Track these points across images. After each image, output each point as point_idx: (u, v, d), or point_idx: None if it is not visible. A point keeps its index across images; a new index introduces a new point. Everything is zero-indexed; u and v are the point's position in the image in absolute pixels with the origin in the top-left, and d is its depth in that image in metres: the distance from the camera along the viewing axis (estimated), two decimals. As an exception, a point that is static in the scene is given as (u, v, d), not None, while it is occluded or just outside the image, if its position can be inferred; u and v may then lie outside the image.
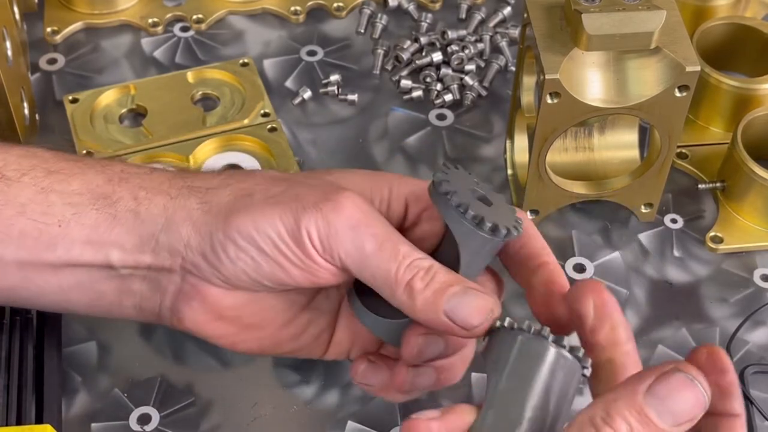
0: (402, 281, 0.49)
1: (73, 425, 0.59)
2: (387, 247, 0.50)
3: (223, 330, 0.54)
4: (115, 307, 0.55)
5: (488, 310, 0.48)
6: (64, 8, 0.83)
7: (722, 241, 0.69)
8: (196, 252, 0.51)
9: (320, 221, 0.49)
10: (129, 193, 0.52)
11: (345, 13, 0.84)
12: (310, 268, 0.51)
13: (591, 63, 0.61)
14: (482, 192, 0.52)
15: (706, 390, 0.42)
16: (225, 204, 0.51)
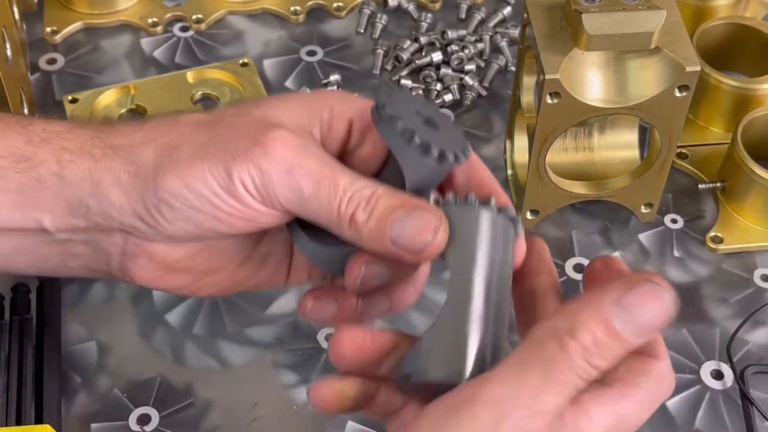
0: (345, 216, 0.47)
1: (73, 425, 0.59)
2: (325, 185, 0.48)
3: (178, 281, 0.53)
4: (61, 268, 0.53)
5: (432, 229, 0.46)
6: (64, 8, 0.83)
7: (722, 241, 0.69)
8: (131, 215, 0.49)
9: (252, 170, 0.47)
10: (52, 155, 0.50)
11: (345, 13, 0.84)
12: (251, 216, 0.49)
13: (591, 63, 0.61)
14: (427, 113, 0.50)
15: (673, 302, 0.42)
16: (151, 163, 0.49)
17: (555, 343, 0.42)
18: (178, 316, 0.64)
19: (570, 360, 0.42)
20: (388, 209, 0.47)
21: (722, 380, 0.62)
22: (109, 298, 0.65)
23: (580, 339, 0.42)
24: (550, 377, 0.42)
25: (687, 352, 0.64)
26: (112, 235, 0.51)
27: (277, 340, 0.64)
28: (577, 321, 0.42)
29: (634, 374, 0.44)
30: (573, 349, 0.42)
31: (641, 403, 0.44)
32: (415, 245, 0.46)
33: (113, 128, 0.52)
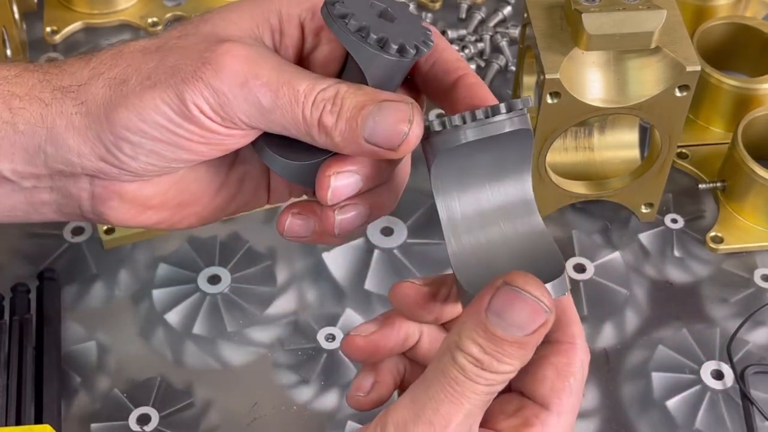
0: (313, 122, 0.45)
1: (73, 425, 0.59)
2: (284, 92, 0.45)
3: (155, 218, 0.51)
4: (33, 215, 0.51)
5: (406, 119, 0.44)
6: (64, 8, 0.83)
7: (722, 241, 0.69)
8: (92, 158, 0.48)
9: (205, 91, 0.45)
10: (2, 102, 0.48)
11: (345, 12, 0.84)
12: (214, 140, 0.47)
13: (591, 63, 0.61)
14: (382, 5, 0.47)
15: (541, 297, 0.42)
16: (102, 100, 0.47)
17: (448, 357, 0.42)
18: (178, 316, 0.64)
19: (464, 371, 0.42)
20: (356, 107, 0.45)
21: (722, 380, 0.62)
22: (109, 298, 0.65)
23: (467, 350, 0.42)
24: (446, 390, 0.42)
25: (687, 352, 0.64)
26: (78, 179, 0.49)
27: (277, 340, 0.64)
28: (462, 332, 0.42)
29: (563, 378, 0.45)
30: (462, 360, 0.42)
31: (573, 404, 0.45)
32: (391, 139, 0.45)
33: (60, 69, 0.50)
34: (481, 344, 0.42)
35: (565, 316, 0.46)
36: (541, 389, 0.45)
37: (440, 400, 0.42)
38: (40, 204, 0.51)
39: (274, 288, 0.66)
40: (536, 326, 0.42)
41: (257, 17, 0.49)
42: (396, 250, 0.68)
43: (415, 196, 0.69)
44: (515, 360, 0.42)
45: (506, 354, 0.42)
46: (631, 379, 0.62)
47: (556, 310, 0.44)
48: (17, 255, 0.67)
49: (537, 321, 0.42)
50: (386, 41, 0.45)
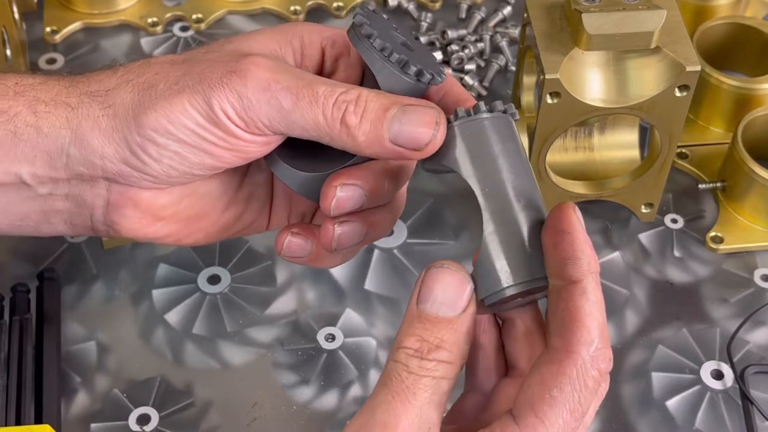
0: (335, 122, 0.46)
1: (73, 425, 0.59)
2: (304, 94, 0.47)
3: (164, 230, 0.53)
4: (43, 226, 0.52)
5: (434, 122, 0.46)
6: (64, 8, 0.83)
7: (722, 241, 0.69)
8: (116, 161, 0.49)
9: (231, 96, 0.47)
10: (27, 107, 0.49)
11: (345, 12, 0.84)
12: (238, 146, 0.48)
13: (591, 63, 0.61)
14: (403, 37, 0.50)
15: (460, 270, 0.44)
16: (130, 103, 0.48)
17: (391, 360, 0.43)
18: (178, 316, 0.64)
19: (406, 367, 0.42)
20: (381, 108, 0.47)
21: (722, 380, 0.62)
22: (109, 298, 0.65)
23: (405, 344, 0.43)
24: (394, 390, 0.42)
25: (687, 352, 0.64)
26: (96, 185, 0.50)
27: (277, 340, 0.64)
28: (401, 332, 0.44)
29: (546, 388, 0.42)
30: (403, 356, 0.43)
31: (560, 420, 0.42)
32: (418, 140, 0.46)
33: (87, 77, 0.51)
34: (418, 334, 0.43)
35: (570, 320, 0.42)
36: (520, 400, 0.42)
37: (389, 401, 0.42)
38: (52, 213, 0.51)
39: (274, 288, 0.66)
40: (463, 300, 0.43)
41: (280, 40, 0.51)
42: (396, 250, 0.68)
43: (415, 196, 0.69)
44: (451, 346, 0.43)
45: (441, 338, 0.43)
46: (631, 379, 0.62)
47: (562, 313, 0.43)
48: (17, 255, 0.67)
49: (461, 292, 0.43)
50: (407, 63, 0.47)
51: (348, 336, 0.63)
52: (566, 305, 0.43)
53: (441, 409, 0.43)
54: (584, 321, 0.42)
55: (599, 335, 0.42)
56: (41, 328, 0.61)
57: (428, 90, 0.50)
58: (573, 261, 0.43)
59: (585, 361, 0.42)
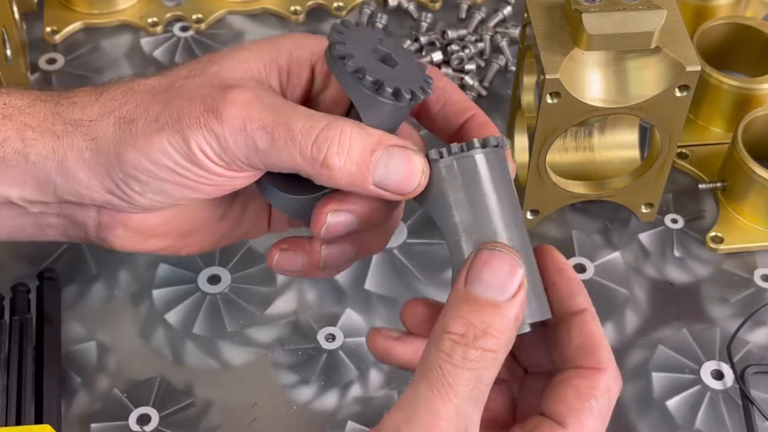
0: (315, 162, 0.46)
1: (73, 425, 0.59)
2: (280, 134, 0.46)
3: (159, 244, 0.53)
4: (39, 236, 0.53)
5: (420, 171, 0.46)
6: (64, 8, 0.83)
7: (722, 241, 0.69)
8: (101, 191, 0.49)
9: (209, 137, 0.47)
10: (15, 133, 0.50)
11: (345, 12, 0.84)
12: (218, 181, 0.49)
13: (591, 63, 0.61)
14: (386, 50, 0.48)
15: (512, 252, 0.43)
16: (111, 138, 0.49)
17: (433, 347, 0.42)
18: (178, 316, 0.64)
19: (449, 358, 0.41)
20: (366, 150, 0.46)
21: (722, 380, 0.62)
22: (109, 298, 0.65)
23: (451, 329, 0.42)
24: (434, 386, 0.41)
25: (687, 352, 0.64)
26: (86, 208, 0.51)
27: (277, 340, 0.64)
28: (446, 314, 0.42)
29: (584, 399, 0.44)
30: (447, 344, 0.41)
31: (595, 426, 0.44)
32: (402, 187, 0.46)
33: (71, 101, 0.51)
34: (464, 317, 0.42)
35: (591, 342, 0.46)
36: (560, 409, 0.44)
37: (429, 398, 0.41)
38: (47, 226, 0.52)
39: (274, 288, 0.66)
40: (514, 283, 0.42)
41: (265, 58, 0.50)
42: (396, 250, 0.68)
43: (415, 196, 0.69)
44: (499, 333, 0.42)
45: (489, 323, 0.42)
46: (631, 379, 0.62)
47: (581, 338, 0.45)
48: (17, 255, 0.67)
49: (513, 275, 0.42)
50: (381, 84, 0.46)
51: (348, 336, 0.63)
52: (581, 331, 0.46)
53: (481, 404, 0.42)
54: (602, 342, 0.46)
55: (612, 356, 0.46)
56: (41, 328, 0.61)
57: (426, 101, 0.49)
58: (577, 293, 0.47)
59: (612, 375, 0.45)
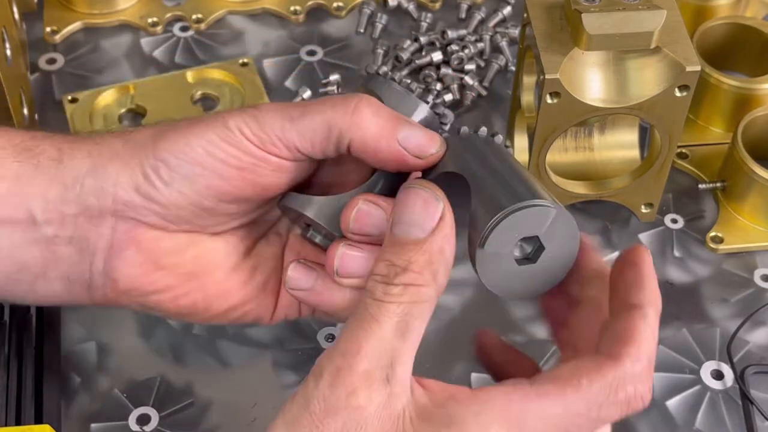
0: (348, 108, 0.48)
1: (73, 425, 0.59)
2: (312, 105, 0.49)
3: (163, 282, 0.52)
4: (39, 280, 0.51)
5: (440, 140, 0.49)
6: (64, 8, 0.83)
7: (722, 241, 0.69)
8: (128, 187, 0.50)
9: (247, 117, 0.49)
10: (53, 146, 0.51)
11: (345, 12, 0.84)
12: (249, 166, 0.49)
13: (591, 63, 0.61)
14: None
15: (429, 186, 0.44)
16: (151, 133, 0.50)
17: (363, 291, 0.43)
18: (177, 316, 0.64)
19: (372, 294, 0.42)
20: (393, 115, 0.49)
21: (722, 380, 0.62)
22: (108, 298, 0.65)
23: (376, 270, 0.42)
24: (358, 319, 0.42)
25: (687, 352, 0.64)
26: (102, 223, 0.50)
27: (277, 340, 0.63)
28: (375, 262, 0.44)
29: (576, 375, 0.41)
30: (371, 284, 0.42)
31: (572, 408, 0.41)
32: (424, 148, 0.48)
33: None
34: (387, 258, 0.43)
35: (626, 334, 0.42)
36: (544, 374, 0.42)
37: (352, 330, 0.41)
38: (52, 262, 0.51)
39: (274, 288, 0.66)
40: (432, 218, 0.43)
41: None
42: (396, 250, 0.68)
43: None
44: (420, 268, 0.42)
45: (409, 260, 0.42)
46: (631, 379, 0.62)
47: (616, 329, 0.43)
48: (17, 255, 0.66)
49: (430, 210, 0.43)
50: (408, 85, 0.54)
51: (348, 336, 0.63)
52: (623, 325, 0.43)
53: (411, 341, 0.42)
54: (637, 339, 0.42)
55: (647, 359, 0.42)
56: (41, 328, 0.61)
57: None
58: (638, 287, 0.43)
59: (625, 372, 0.42)
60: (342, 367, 0.41)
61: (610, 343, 0.42)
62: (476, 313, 0.65)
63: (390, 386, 0.41)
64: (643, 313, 0.43)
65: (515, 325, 0.65)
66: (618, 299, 0.44)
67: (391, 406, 0.41)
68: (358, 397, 0.40)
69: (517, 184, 0.46)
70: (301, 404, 0.41)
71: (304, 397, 0.42)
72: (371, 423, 0.40)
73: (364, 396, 0.40)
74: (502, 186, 0.46)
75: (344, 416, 0.40)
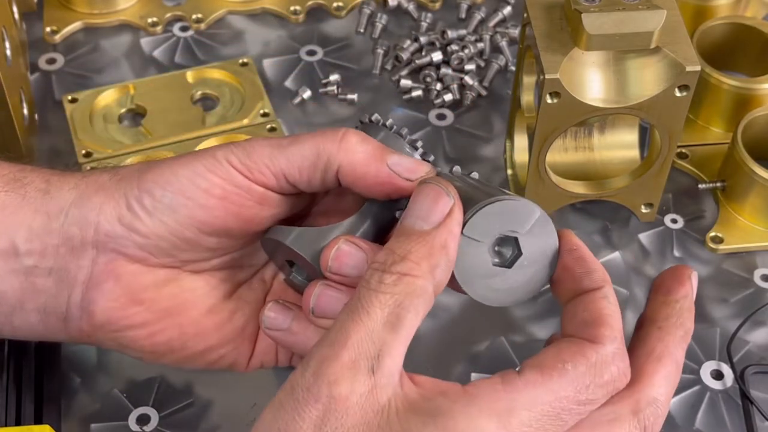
0: (336, 137, 0.48)
1: (73, 426, 0.59)
2: (302, 136, 0.49)
3: (140, 317, 0.51)
4: (16, 312, 0.51)
5: (430, 166, 0.49)
6: (64, 8, 0.83)
7: (722, 241, 0.69)
8: (111, 217, 0.49)
9: (236, 149, 0.49)
10: (41, 177, 0.51)
11: (345, 12, 0.84)
12: (232, 196, 0.49)
13: (591, 63, 0.61)
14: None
15: (441, 182, 0.44)
16: (137, 168, 0.51)
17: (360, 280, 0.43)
18: (177, 316, 0.64)
19: (367, 284, 0.41)
20: (381, 146, 0.49)
21: (722, 380, 0.62)
22: (108, 298, 0.65)
23: (376, 258, 0.42)
24: (351, 309, 0.41)
25: (687, 352, 0.63)
26: (82, 255, 0.50)
27: (277, 340, 0.63)
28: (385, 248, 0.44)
29: (560, 359, 0.42)
30: (368, 272, 0.42)
31: (561, 392, 0.41)
32: (414, 172, 0.48)
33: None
34: (389, 247, 0.42)
35: (593, 318, 0.43)
36: (529, 362, 0.43)
37: (342, 320, 0.41)
38: (30, 294, 0.50)
39: (274, 288, 0.66)
40: (438, 212, 0.43)
41: None
42: (396, 250, 0.68)
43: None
44: (418, 258, 0.42)
45: (409, 249, 0.42)
46: (631, 379, 0.62)
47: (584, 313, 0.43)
48: (17, 255, 0.66)
49: (438, 204, 0.43)
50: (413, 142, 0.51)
51: (348, 336, 0.63)
52: (587, 307, 0.44)
53: (402, 332, 0.41)
54: (607, 320, 0.43)
55: (621, 336, 0.43)
56: (41, 328, 0.61)
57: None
58: (589, 273, 0.45)
59: (607, 352, 0.42)
60: (328, 356, 0.40)
61: (582, 328, 0.43)
62: (476, 313, 0.65)
63: (375, 377, 0.40)
64: (603, 293, 0.44)
65: (515, 325, 0.65)
66: (571, 287, 0.45)
67: (374, 397, 0.40)
68: (339, 387, 0.40)
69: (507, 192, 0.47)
70: (288, 391, 0.41)
71: (291, 384, 0.41)
72: (352, 413, 0.40)
73: (346, 386, 0.40)
74: (497, 191, 0.47)
75: (325, 404, 0.40)
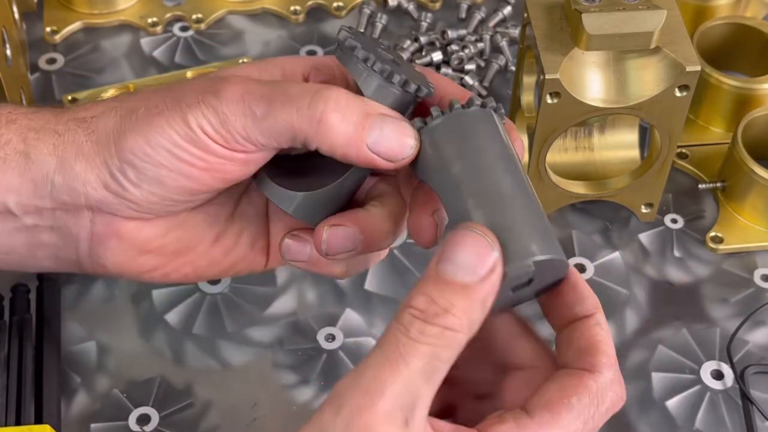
0: (313, 118, 0.46)
1: (73, 426, 0.59)
2: (276, 97, 0.47)
3: (150, 263, 0.52)
4: (28, 260, 0.52)
5: (413, 138, 0.46)
6: (64, 8, 0.83)
7: (722, 241, 0.69)
8: (97, 186, 0.49)
9: (207, 112, 0.47)
10: (17, 135, 0.50)
11: (345, 12, 0.84)
12: (216, 165, 0.48)
13: (591, 63, 0.61)
14: (390, 56, 0.50)
15: (486, 233, 0.41)
16: (112, 128, 0.49)
17: (394, 321, 0.41)
18: (178, 316, 0.64)
19: (407, 331, 0.40)
20: (361, 114, 0.47)
21: (722, 380, 0.62)
22: (109, 298, 0.65)
23: (414, 303, 0.41)
24: (386, 354, 0.40)
25: (687, 352, 0.64)
26: (80, 216, 0.50)
27: (277, 340, 0.64)
28: (413, 289, 0.41)
29: (565, 395, 0.42)
30: (407, 317, 0.40)
31: (571, 427, 0.42)
32: (396, 153, 0.46)
33: (79, 105, 0.52)
34: (428, 294, 0.41)
35: (589, 346, 0.44)
36: (535, 401, 0.43)
37: (379, 366, 0.40)
38: (38, 246, 0.51)
39: (274, 288, 0.66)
40: (485, 266, 0.41)
41: (260, 68, 0.52)
42: (396, 251, 0.68)
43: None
44: (461, 313, 0.40)
45: (452, 302, 0.40)
46: (631, 379, 0.62)
47: (580, 341, 0.44)
48: (17, 255, 0.67)
49: (484, 258, 0.41)
50: (391, 72, 0.47)
51: (348, 336, 0.63)
52: (582, 335, 0.44)
53: (434, 384, 0.41)
54: (602, 348, 0.44)
55: (615, 363, 0.44)
56: (41, 328, 0.61)
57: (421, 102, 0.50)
58: (581, 300, 0.45)
59: (606, 380, 0.43)
60: (364, 406, 0.40)
61: (579, 357, 0.44)
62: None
63: (408, 429, 0.40)
64: (596, 320, 0.45)
65: (515, 325, 0.65)
66: (563, 314, 0.45)
67: None
68: None
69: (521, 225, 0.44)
70: None
71: (320, 428, 0.41)
72: None
73: None
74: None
75: None
